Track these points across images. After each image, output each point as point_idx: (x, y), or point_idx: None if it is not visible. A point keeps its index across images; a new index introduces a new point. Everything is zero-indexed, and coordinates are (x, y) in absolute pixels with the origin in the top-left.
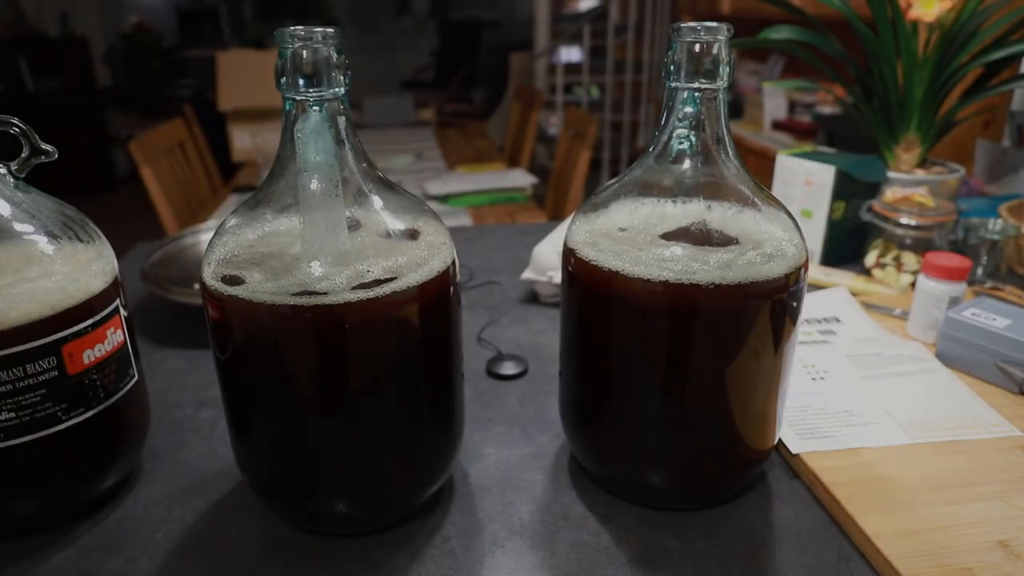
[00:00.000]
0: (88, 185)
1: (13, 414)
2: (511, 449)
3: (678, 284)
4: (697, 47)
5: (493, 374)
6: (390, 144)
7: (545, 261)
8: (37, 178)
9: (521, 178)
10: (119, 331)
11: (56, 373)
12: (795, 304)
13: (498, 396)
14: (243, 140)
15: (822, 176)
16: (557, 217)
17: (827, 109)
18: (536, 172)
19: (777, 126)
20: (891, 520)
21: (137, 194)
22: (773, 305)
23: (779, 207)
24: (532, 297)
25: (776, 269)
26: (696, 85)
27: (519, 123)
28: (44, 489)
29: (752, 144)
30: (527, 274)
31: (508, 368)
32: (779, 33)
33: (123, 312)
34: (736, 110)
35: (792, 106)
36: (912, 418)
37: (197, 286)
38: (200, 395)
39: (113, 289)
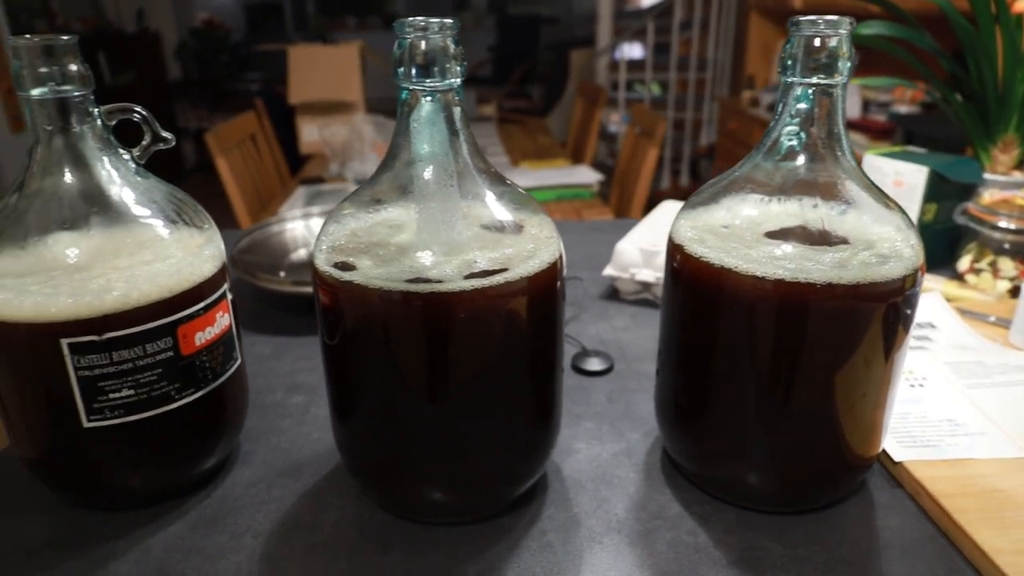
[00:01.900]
0: (157, 175)
1: (132, 391)
2: (602, 445)
3: (791, 283)
4: (816, 41)
5: (579, 369)
6: None
7: (628, 258)
8: None
9: (587, 175)
10: (226, 315)
11: (171, 353)
12: (909, 311)
13: (585, 392)
14: (311, 133)
15: (914, 177)
16: (623, 215)
17: (904, 108)
18: (596, 169)
19: (850, 125)
20: (1010, 536)
21: (204, 184)
22: (887, 309)
23: (894, 207)
24: (613, 293)
25: (893, 271)
26: (814, 81)
27: (582, 120)
28: (156, 465)
29: None
30: (609, 270)
31: (594, 364)
32: (870, 28)
33: (229, 296)
34: None
35: (866, 105)
36: (1022, 430)
37: (283, 273)
38: (290, 380)
39: (221, 274)
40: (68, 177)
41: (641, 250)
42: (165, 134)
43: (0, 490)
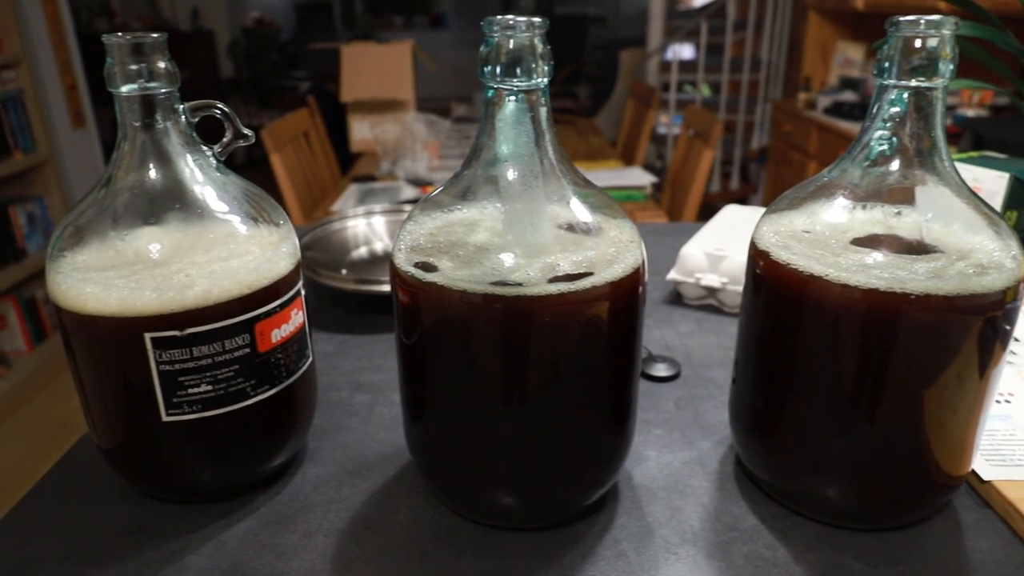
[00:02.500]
0: None
1: (210, 387)
2: (673, 453)
3: (885, 293)
4: (917, 42)
5: (645, 375)
6: None
7: (693, 262)
8: None
9: (640, 177)
10: (300, 312)
11: (248, 350)
12: (1008, 326)
13: (653, 398)
14: (362, 131)
15: (993, 183)
16: (675, 218)
17: (971, 112)
18: (645, 171)
19: None
20: None
21: (254, 180)
22: (984, 323)
23: (993, 216)
24: (676, 298)
25: (994, 283)
26: (912, 84)
27: (633, 121)
28: (230, 460)
29: None
30: (673, 275)
31: (661, 370)
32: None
33: (303, 294)
34: (866, 112)
35: None
36: None
37: (345, 271)
38: (354, 379)
39: (296, 272)
40: (153, 173)
41: (707, 254)
42: (246, 131)
43: (77, 477)
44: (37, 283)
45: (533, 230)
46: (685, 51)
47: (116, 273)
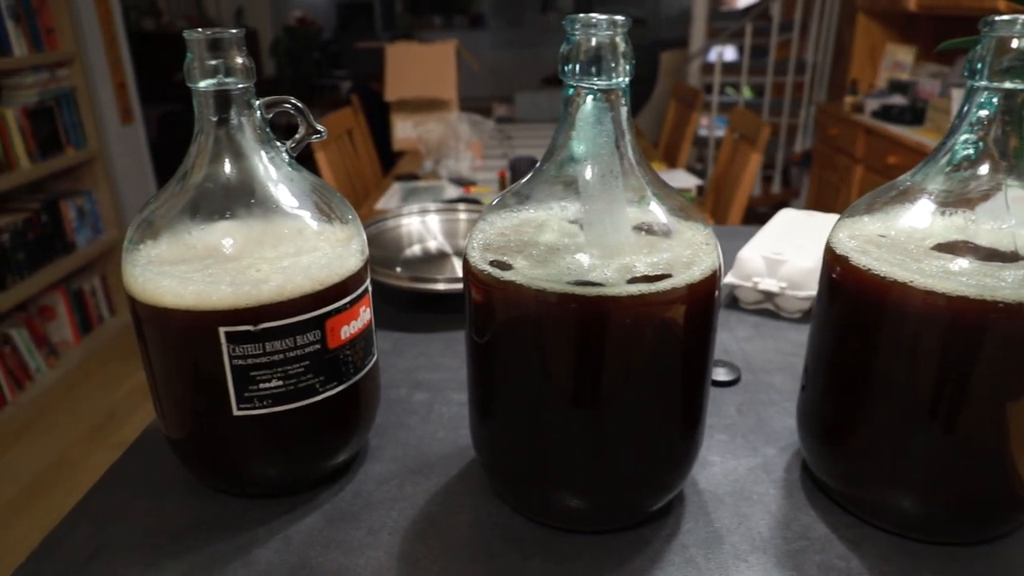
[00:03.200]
0: None
1: (281, 382)
2: (737, 459)
3: (974, 300)
4: (1014, 43)
5: None
6: (545, 139)
7: (751, 266)
8: None
9: (684, 179)
10: (368, 310)
11: (319, 346)
12: None
13: (715, 403)
14: (405, 130)
15: None
16: (720, 221)
17: None
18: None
19: None
20: None
21: None
22: None
23: None
24: (732, 302)
25: None
26: (1005, 85)
27: (676, 123)
28: (297, 456)
29: None
30: (729, 278)
31: (721, 374)
32: None
33: (370, 291)
34: (916, 116)
35: None
36: None
37: (400, 268)
38: (412, 377)
39: (365, 269)
40: (228, 167)
41: (765, 258)
42: (319, 127)
43: (143, 468)
44: (85, 276)
45: (614, 231)
46: (727, 53)
47: (190, 267)
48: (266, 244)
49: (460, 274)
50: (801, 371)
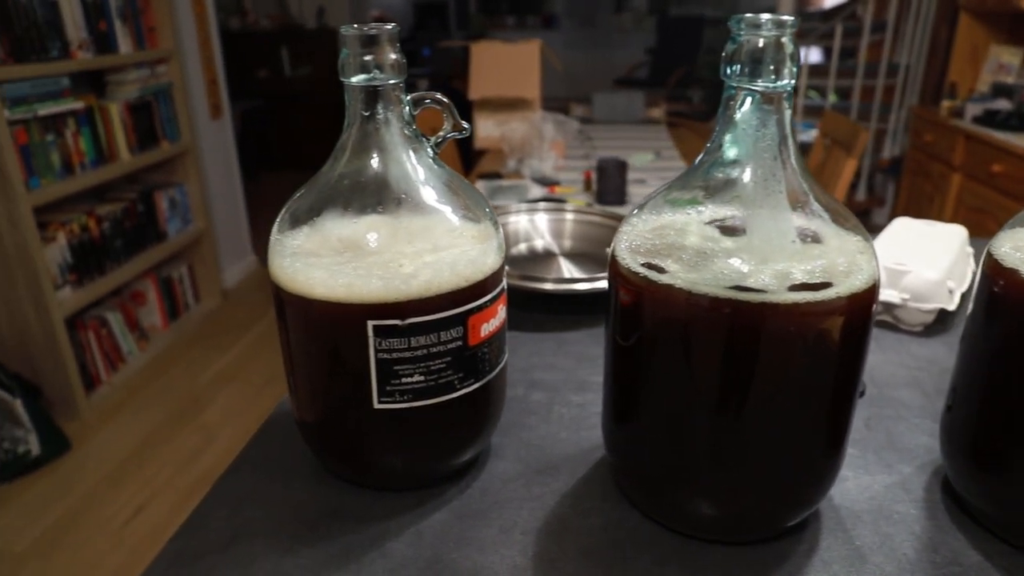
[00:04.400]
0: (322, 163)
1: (422, 377)
2: (871, 476)
3: None
4: None
5: None
6: (624, 140)
7: None
8: (280, 154)
9: None
10: (504, 308)
11: (460, 343)
12: None
13: None
14: (488, 128)
15: None
16: None
17: None
18: None
19: None
20: None
21: None
22: None
23: None
24: None
25: None
26: None
27: None
28: (430, 451)
29: None
30: None
31: None
32: None
33: (506, 290)
34: (1021, 121)
35: None
36: None
37: (507, 267)
38: (528, 377)
39: (503, 268)
40: (375, 162)
41: (886, 268)
42: (464, 124)
43: (273, 454)
44: (173, 264)
45: (779, 237)
46: (811, 55)
47: (337, 259)
48: (411, 239)
49: (567, 274)
50: (929, 388)
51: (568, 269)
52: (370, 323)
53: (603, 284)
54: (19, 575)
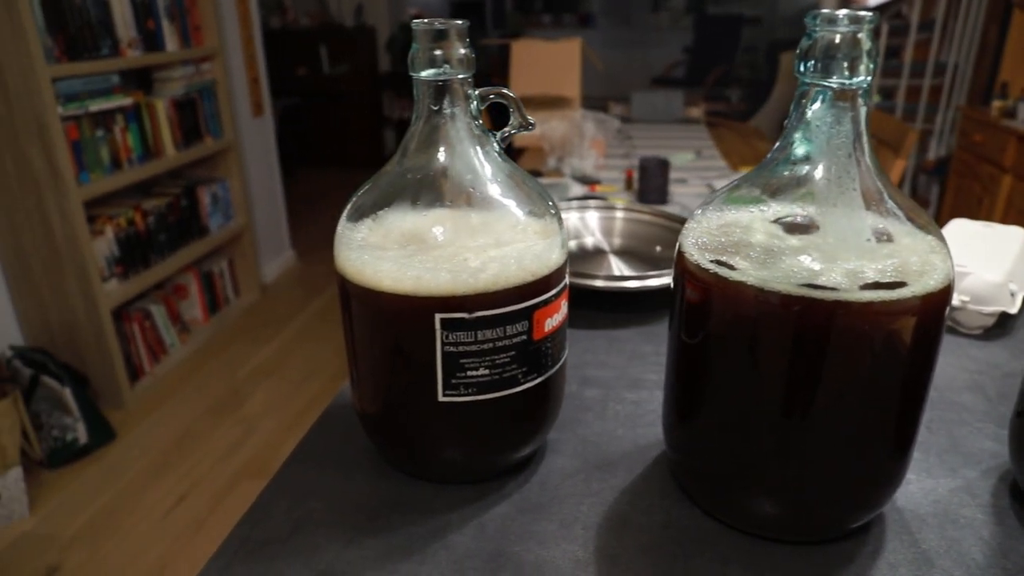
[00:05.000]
0: (359, 160)
1: (488, 371)
2: (934, 479)
3: None
4: None
5: None
6: (663, 140)
7: None
8: (317, 151)
9: None
10: (566, 304)
11: (525, 337)
12: None
13: None
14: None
15: None
16: None
17: None
18: None
19: None
20: None
21: None
22: None
23: None
24: None
25: None
26: None
27: None
28: (492, 445)
29: None
30: None
31: None
32: None
33: (568, 286)
34: None
35: None
36: None
37: None
38: (580, 373)
39: (566, 263)
40: (442, 156)
41: None
42: (530, 119)
43: (331, 445)
44: (214, 259)
45: (853, 235)
46: None
47: (401, 253)
48: (475, 233)
49: (616, 272)
50: (992, 392)
51: (618, 267)
52: (438, 316)
53: (653, 282)
54: (68, 559)
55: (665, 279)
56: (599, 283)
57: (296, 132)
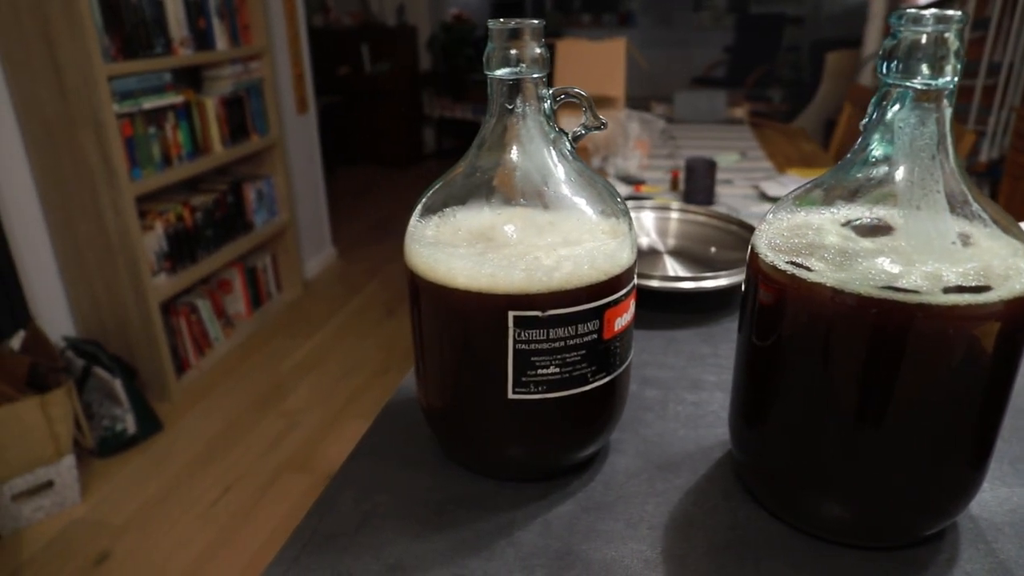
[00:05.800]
0: (400, 159)
1: (558, 369)
2: (1009, 488)
3: None
4: None
5: None
6: (707, 140)
7: None
8: (358, 149)
9: None
10: (634, 303)
11: (596, 336)
12: None
13: None
14: (569, 125)
15: None
16: None
17: None
18: None
19: None
20: None
21: (442, 169)
22: None
23: None
24: None
25: None
26: None
27: (850, 127)
28: (558, 443)
29: None
30: None
31: None
32: None
33: (636, 286)
34: None
35: None
36: None
37: None
38: (640, 373)
39: (635, 264)
40: (515, 154)
41: None
42: (602, 119)
43: (394, 439)
44: (258, 255)
45: (938, 237)
46: None
47: (471, 250)
48: (553, 232)
49: (671, 272)
50: None
51: (673, 267)
52: (511, 314)
53: (708, 284)
54: (119, 546)
55: (721, 280)
56: (655, 283)
57: (337, 130)
